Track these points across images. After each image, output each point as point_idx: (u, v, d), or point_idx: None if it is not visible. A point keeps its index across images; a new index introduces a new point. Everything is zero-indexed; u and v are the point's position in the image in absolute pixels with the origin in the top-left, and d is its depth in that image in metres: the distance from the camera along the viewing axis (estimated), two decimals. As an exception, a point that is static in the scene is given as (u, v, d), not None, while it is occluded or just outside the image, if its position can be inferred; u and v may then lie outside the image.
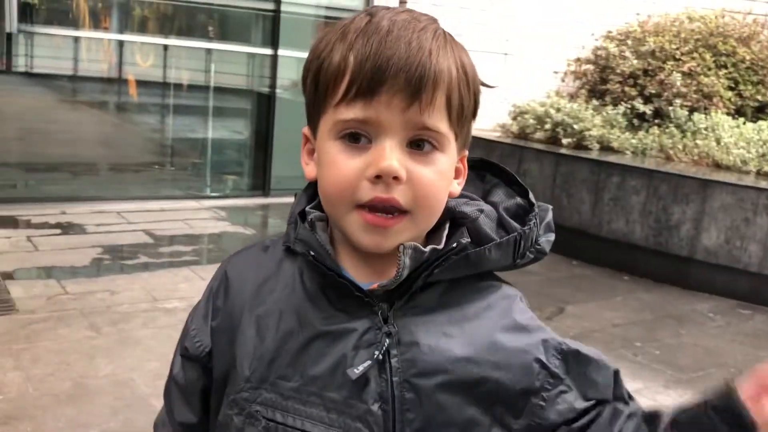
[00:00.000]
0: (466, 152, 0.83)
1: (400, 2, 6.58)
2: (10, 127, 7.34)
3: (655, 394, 3.13)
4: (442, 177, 0.76)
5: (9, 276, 3.80)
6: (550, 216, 0.83)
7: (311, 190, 0.85)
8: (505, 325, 0.79)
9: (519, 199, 0.84)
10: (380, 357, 0.75)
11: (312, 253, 0.77)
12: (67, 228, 4.81)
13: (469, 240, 0.78)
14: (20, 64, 10.21)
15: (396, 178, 0.72)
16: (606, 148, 5.55)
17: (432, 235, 0.81)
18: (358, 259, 0.79)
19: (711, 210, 4.56)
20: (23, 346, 3.01)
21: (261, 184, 6.40)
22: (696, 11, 6.89)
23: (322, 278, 0.77)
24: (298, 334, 0.78)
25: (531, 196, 0.83)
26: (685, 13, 6.87)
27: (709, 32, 6.44)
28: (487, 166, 0.88)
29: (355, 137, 0.74)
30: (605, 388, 0.81)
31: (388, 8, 0.77)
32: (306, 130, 0.82)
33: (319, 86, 0.76)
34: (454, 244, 0.77)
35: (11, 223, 4.83)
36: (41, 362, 2.89)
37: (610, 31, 6.88)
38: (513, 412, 0.78)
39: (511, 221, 0.81)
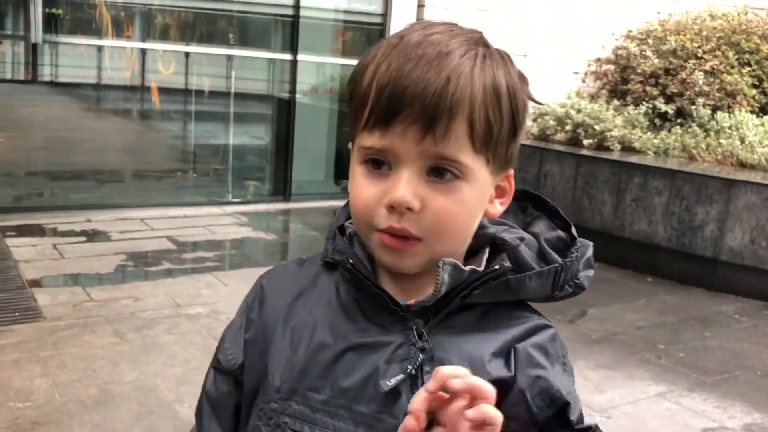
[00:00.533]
0: (511, 171, 0.81)
1: (418, 6, 6.59)
2: (36, 136, 7.47)
3: (679, 397, 3.10)
4: (462, 206, 0.74)
5: (36, 283, 3.87)
6: (590, 252, 0.82)
7: (347, 207, 0.85)
8: (535, 354, 0.79)
9: (560, 233, 0.83)
10: (413, 371, 0.75)
11: (351, 261, 0.78)
12: (92, 235, 4.88)
13: (510, 266, 0.78)
14: (45, 73, 10.39)
15: (409, 208, 0.72)
16: (628, 148, 5.50)
17: (471, 258, 0.81)
18: (394, 276, 0.79)
19: (736, 210, 4.50)
20: (50, 353, 3.06)
21: (282, 189, 6.44)
22: (718, 8, 6.81)
23: (358, 291, 0.78)
24: (331, 346, 0.78)
25: (573, 229, 0.83)
26: (707, 11, 6.80)
27: (731, 30, 6.36)
28: (529, 197, 0.87)
29: (378, 163, 0.74)
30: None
31: (426, 25, 0.75)
32: (350, 145, 0.82)
33: (351, 108, 0.77)
34: (496, 267, 0.77)
35: (38, 231, 4.91)
36: (67, 368, 2.93)
37: (630, 31, 6.82)
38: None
39: (552, 253, 0.81)
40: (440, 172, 0.73)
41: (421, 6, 6.57)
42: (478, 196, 0.76)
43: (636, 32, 6.80)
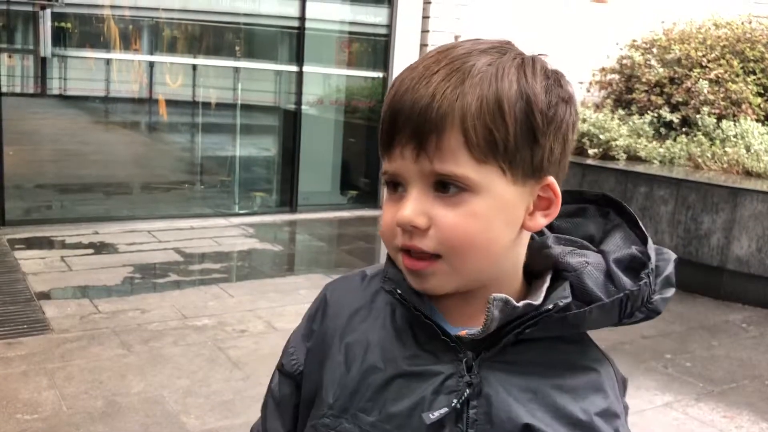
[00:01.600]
0: (550, 179, 0.75)
1: (423, 17, 6.62)
2: (44, 149, 7.54)
3: (686, 407, 3.09)
4: (474, 219, 0.71)
5: (44, 296, 3.90)
6: (671, 268, 0.76)
7: None
8: (598, 413, 0.76)
9: (634, 250, 0.76)
10: (458, 406, 0.73)
11: (399, 291, 0.77)
12: (99, 248, 4.92)
13: (569, 299, 0.74)
14: (54, 87, 10.49)
15: (415, 226, 0.72)
16: (633, 157, 5.51)
17: (535, 280, 0.78)
18: (453, 300, 0.77)
19: (742, 218, 4.49)
20: (58, 365, 3.08)
21: (288, 200, 6.47)
22: (722, 17, 6.82)
23: (413, 317, 0.77)
24: (382, 369, 0.78)
25: (650, 245, 0.76)
26: (711, 20, 6.80)
27: (736, 38, 6.37)
28: (609, 202, 0.82)
29: (395, 186, 0.75)
30: None
31: (451, 45, 0.75)
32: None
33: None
34: (550, 306, 0.73)
35: (46, 243, 4.95)
36: (75, 380, 2.95)
37: (634, 40, 6.84)
38: None
39: (621, 276, 0.75)
40: (445, 186, 0.71)
41: (426, 18, 6.60)
42: (496, 209, 0.72)
43: (640, 41, 6.81)
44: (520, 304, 0.73)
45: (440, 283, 0.74)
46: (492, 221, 0.72)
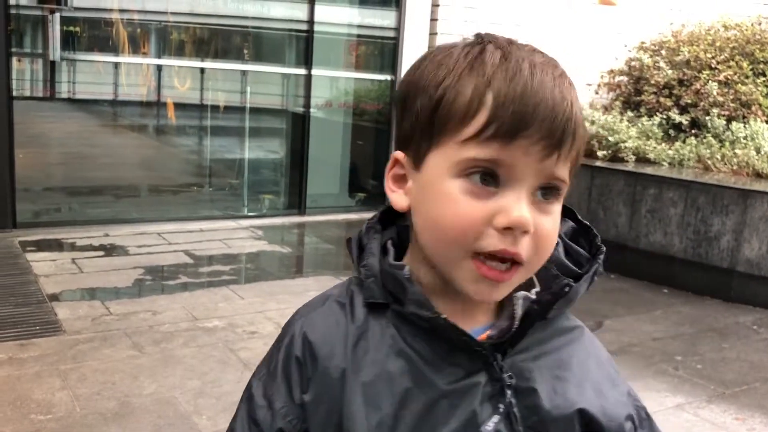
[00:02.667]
0: None
1: (431, 20, 6.63)
2: (54, 152, 7.58)
3: (697, 409, 3.08)
4: (557, 225, 0.74)
5: (55, 298, 3.92)
6: (599, 239, 0.82)
7: (379, 236, 0.80)
8: (603, 374, 0.81)
9: (571, 223, 0.82)
10: (505, 410, 0.74)
11: (444, 316, 0.72)
12: (110, 250, 4.94)
13: (566, 280, 0.77)
14: (63, 90, 10.55)
15: (525, 231, 0.69)
16: (642, 159, 5.50)
17: None
18: (451, 304, 0.75)
19: (752, 220, 4.48)
20: (70, 366, 3.10)
21: (297, 202, 6.49)
22: (731, 19, 6.80)
23: (429, 335, 0.74)
24: (419, 394, 0.74)
25: (579, 216, 0.82)
26: (720, 21, 6.79)
27: (745, 40, 6.35)
28: None
29: (485, 178, 0.69)
30: None
31: (513, 43, 0.74)
32: (400, 155, 0.76)
33: (437, 115, 0.70)
34: (566, 289, 0.76)
35: (57, 246, 4.98)
36: (87, 381, 2.97)
37: (643, 42, 6.83)
38: None
39: (578, 249, 0.80)
40: (545, 192, 0.71)
41: (434, 20, 6.61)
42: (560, 217, 0.76)
43: (649, 43, 6.80)
44: (533, 294, 0.76)
45: (508, 290, 0.73)
46: (558, 228, 0.76)
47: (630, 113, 6.10)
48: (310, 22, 6.42)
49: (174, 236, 5.36)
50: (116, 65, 9.09)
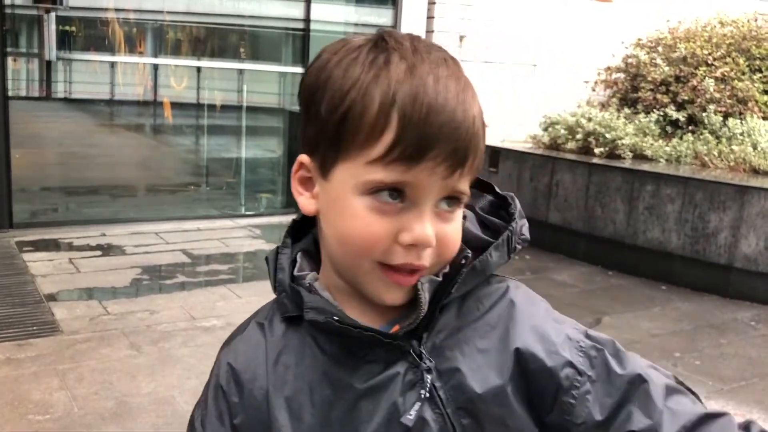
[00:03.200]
0: None
1: (428, 17, 6.63)
2: (50, 152, 7.55)
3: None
4: (459, 229, 0.76)
5: (53, 298, 3.91)
6: (518, 203, 0.82)
7: (289, 251, 0.81)
8: (531, 326, 0.78)
9: (488, 197, 0.84)
10: (427, 394, 0.74)
11: (336, 318, 0.73)
12: (107, 249, 4.93)
13: (470, 253, 0.77)
14: (59, 90, 10.51)
15: (429, 246, 0.72)
16: (639, 156, 5.50)
17: None
18: (360, 303, 0.77)
19: (749, 217, 4.48)
20: (68, 366, 3.09)
21: (294, 201, 6.45)
22: (728, 15, 6.81)
23: (342, 337, 0.74)
24: (339, 400, 0.75)
25: (497, 189, 0.84)
26: (717, 18, 6.79)
27: (741, 36, 6.36)
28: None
29: (390, 195, 0.70)
30: (630, 374, 0.77)
31: (417, 50, 0.72)
32: (305, 158, 0.76)
33: (344, 130, 0.70)
34: (462, 261, 0.76)
35: (53, 246, 4.97)
36: (85, 381, 2.96)
37: (640, 39, 6.83)
38: (547, 408, 0.76)
39: (494, 219, 0.82)
40: (449, 203, 0.73)
41: (430, 18, 6.61)
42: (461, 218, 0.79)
43: (646, 40, 6.80)
44: (440, 277, 0.75)
45: (411, 291, 0.74)
46: (461, 227, 0.78)
47: (627, 110, 6.10)
48: (307, 20, 6.41)
49: (171, 236, 5.35)
50: (112, 65, 9.07)
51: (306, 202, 0.78)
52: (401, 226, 0.70)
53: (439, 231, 0.72)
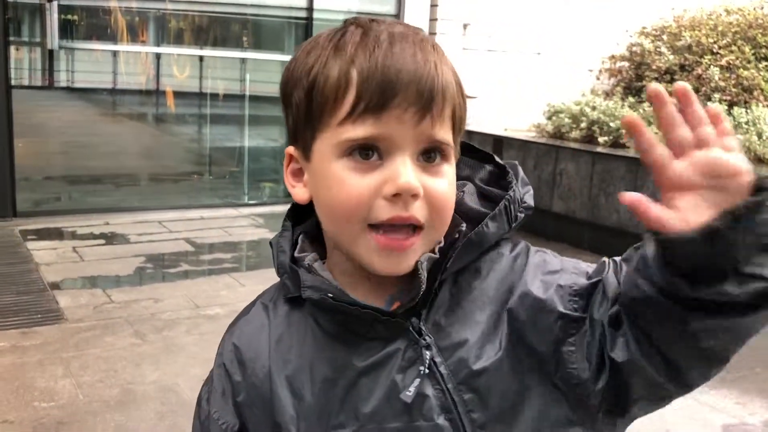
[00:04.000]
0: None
1: (431, 5, 6.60)
2: (53, 140, 7.56)
3: (698, 393, 3.08)
4: (451, 187, 0.75)
5: (57, 286, 3.92)
6: (521, 171, 0.82)
7: (289, 234, 0.82)
8: (521, 292, 0.76)
9: (487, 167, 0.83)
10: (426, 370, 0.73)
11: (330, 294, 0.74)
12: (110, 238, 4.94)
13: (464, 225, 0.77)
14: (62, 79, 10.50)
15: (414, 195, 0.70)
16: (643, 145, 5.47)
17: None
18: (365, 284, 0.77)
19: (753, 206, 4.47)
20: (72, 354, 3.10)
21: (297, 190, 6.47)
22: (733, 3, 6.76)
23: (342, 315, 0.74)
24: (339, 378, 0.75)
25: (497, 159, 0.83)
26: (722, 6, 6.75)
27: (747, 24, 6.31)
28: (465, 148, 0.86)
29: (366, 153, 0.71)
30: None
31: (375, 20, 0.75)
32: (291, 150, 0.79)
33: (313, 103, 0.72)
34: (456, 236, 0.76)
35: (57, 234, 4.97)
36: (90, 369, 2.97)
37: (644, 27, 6.79)
38: (550, 366, 0.74)
39: (492, 189, 0.81)
40: (429, 156, 0.72)
41: (434, 6, 6.57)
42: (454, 178, 0.77)
43: (650, 28, 6.76)
44: (436, 254, 0.75)
45: (415, 257, 0.73)
46: (455, 190, 0.77)
47: (631, 99, 6.07)
48: (309, 9, 6.38)
49: (175, 224, 5.36)
50: (115, 54, 9.05)
51: (299, 192, 0.79)
52: (383, 180, 0.70)
53: (426, 183, 0.71)
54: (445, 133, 0.73)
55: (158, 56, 8.34)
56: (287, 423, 0.76)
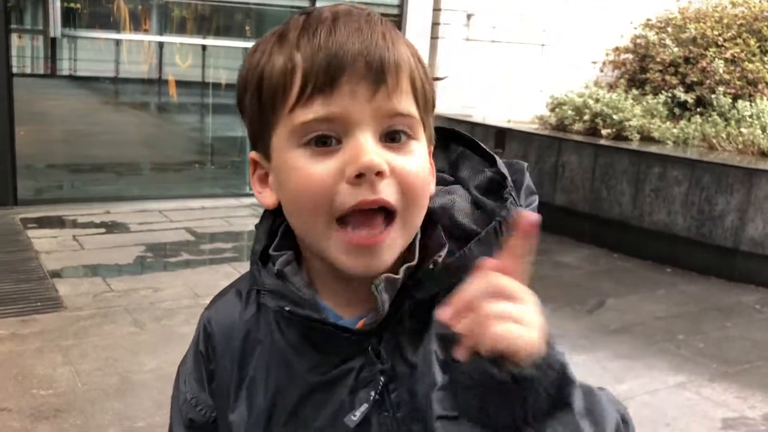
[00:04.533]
0: (432, 147, 0.74)
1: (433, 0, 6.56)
2: (55, 129, 7.54)
3: (699, 387, 3.08)
4: (422, 166, 0.69)
5: (57, 274, 3.91)
6: (527, 178, 0.74)
7: (268, 222, 0.77)
8: None
9: (488, 173, 0.74)
10: (377, 396, 0.68)
11: (287, 308, 0.69)
12: (111, 227, 4.93)
13: (446, 247, 0.69)
14: (64, 67, 10.48)
15: (379, 173, 0.64)
16: (646, 138, 5.45)
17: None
18: (340, 288, 0.72)
19: (757, 199, 4.45)
20: (72, 342, 3.10)
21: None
22: (739, -4, 6.72)
23: (303, 326, 0.70)
24: (291, 388, 0.72)
25: (499, 163, 0.74)
26: (728, -2, 6.71)
27: (753, 17, 6.28)
28: (446, 134, 0.79)
29: (323, 140, 0.66)
30: None
31: (319, 7, 0.71)
32: (254, 155, 0.74)
33: (263, 98, 0.68)
34: (431, 266, 0.68)
35: (58, 223, 4.97)
36: (89, 357, 2.97)
37: (649, 19, 6.75)
38: None
39: (487, 201, 0.72)
40: (393, 136, 0.67)
41: (437, -4, 6.53)
42: (426, 159, 0.71)
43: (655, 20, 6.73)
44: (400, 273, 0.68)
45: (391, 254, 0.67)
46: (428, 171, 0.71)
47: (635, 91, 6.04)
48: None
49: (175, 214, 5.35)
50: (117, 42, 9.02)
51: (265, 197, 0.74)
52: (343, 163, 0.65)
53: (391, 162, 0.65)
54: (407, 106, 0.67)
55: (161, 45, 8.32)
56: (238, 425, 0.74)
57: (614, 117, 5.51)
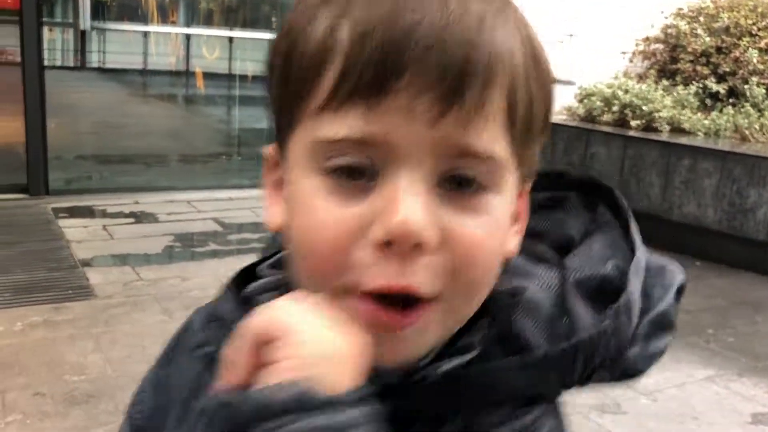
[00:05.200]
0: (529, 186, 0.52)
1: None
2: (85, 120, 7.66)
3: (728, 382, 3.04)
4: (497, 233, 0.47)
5: (87, 263, 3.98)
6: (670, 300, 0.53)
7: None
8: None
9: (611, 266, 0.53)
10: None
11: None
12: (140, 217, 4.99)
13: (470, 354, 0.48)
14: (93, 60, 10.62)
15: (419, 244, 0.43)
16: (677, 129, 5.37)
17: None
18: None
19: (790, 192, 4.36)
20: (102, 330, 3.15)
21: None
22: (773, -16, 6.58)
23: None
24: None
25: (635, 260, 0.52)
26: (762, -13, 6.56)
27: (788, 5, 6.14)
28: (598, 189, 0.57)
29: (352, 172, 0.44)
30: None
31: None
32: (271, 148, 0.54)
33: (290, 77, 0.47)
34: (437, 368, 0.47)
35: (88, 213, 5.04)
36: (119, 345, 3.02)
37: (680, 8, 6.64)
38: None
39: (580, 309, 0.50)
40: (460, 182, 0.45)
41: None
42: (507, 219, 0.49)
43: (687, 10, 6.61)
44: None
45: (423, 344, 0.47)
46: (504, 239, 0.49)
47: (665, 82, 5.95)
48: (339, -11, 6.35)
49: (203, 204, 5.40)
50: (145, 34, 9.13)
51: (273, 213, 0.53)
52: (371, 215, 0.44)
53: (448, 225, 0.44)
54: (490, 141, 0.44)
55: (188, 37, 8.39)
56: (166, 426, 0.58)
57: (644, 108, 5.44)
